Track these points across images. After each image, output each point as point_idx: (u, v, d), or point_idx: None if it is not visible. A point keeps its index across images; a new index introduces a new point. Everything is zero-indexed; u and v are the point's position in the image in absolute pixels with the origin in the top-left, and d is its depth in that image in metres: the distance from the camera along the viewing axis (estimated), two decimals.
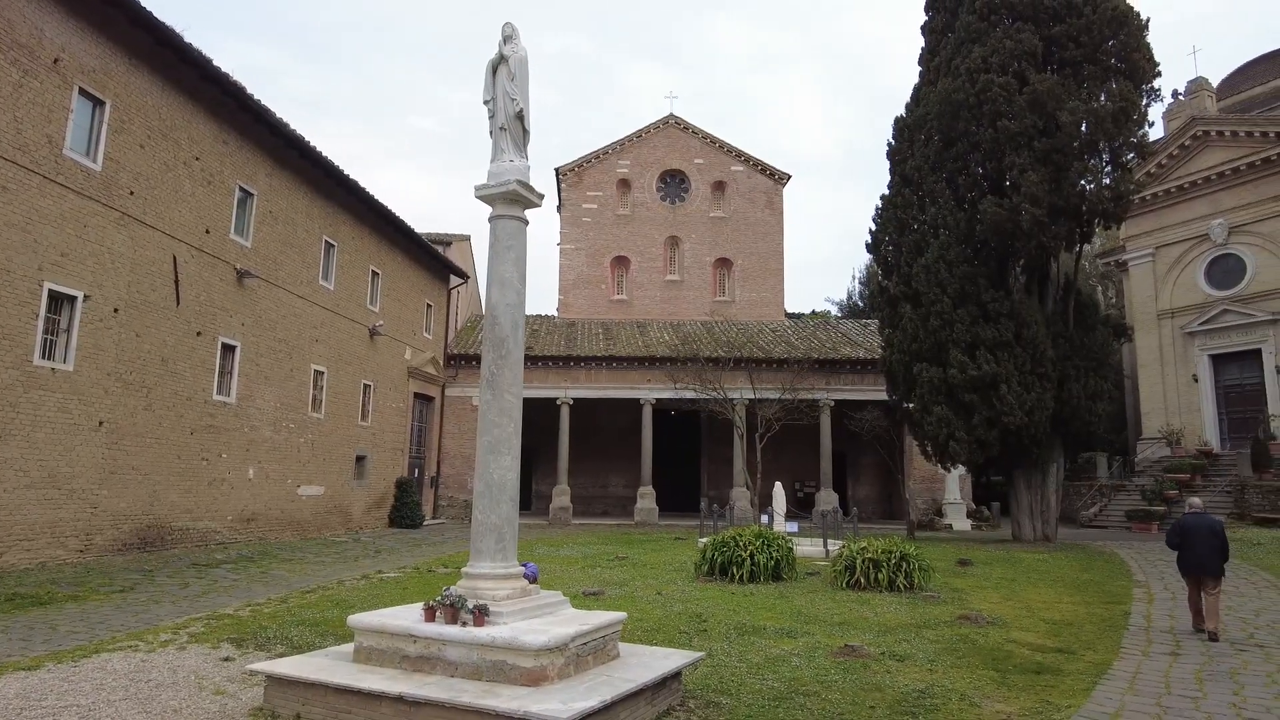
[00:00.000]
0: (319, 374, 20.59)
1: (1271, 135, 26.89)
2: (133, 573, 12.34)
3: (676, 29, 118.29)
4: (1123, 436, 32.64)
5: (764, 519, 18.16)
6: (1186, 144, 29.24)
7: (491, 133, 6.89)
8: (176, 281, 15.16)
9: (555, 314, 36.00)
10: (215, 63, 15.24)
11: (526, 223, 6.59)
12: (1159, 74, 20.02)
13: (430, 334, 27.76)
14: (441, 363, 28.17)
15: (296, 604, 10.43)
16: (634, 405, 28.31)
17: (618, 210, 36.67)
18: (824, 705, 6.15)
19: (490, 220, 6.53)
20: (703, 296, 36.06)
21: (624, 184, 36.96)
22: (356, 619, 5.97)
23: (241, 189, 17.32)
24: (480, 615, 5.54)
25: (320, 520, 20.56)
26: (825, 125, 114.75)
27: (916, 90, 22.24)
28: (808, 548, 16.19)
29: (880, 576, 11.54)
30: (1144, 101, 19.86)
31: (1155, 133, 31.56)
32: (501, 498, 5.98)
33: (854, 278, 60.01)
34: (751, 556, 12.44)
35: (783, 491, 19.50)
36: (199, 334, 15.94)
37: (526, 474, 31.16)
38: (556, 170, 37.21)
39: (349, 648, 6.06)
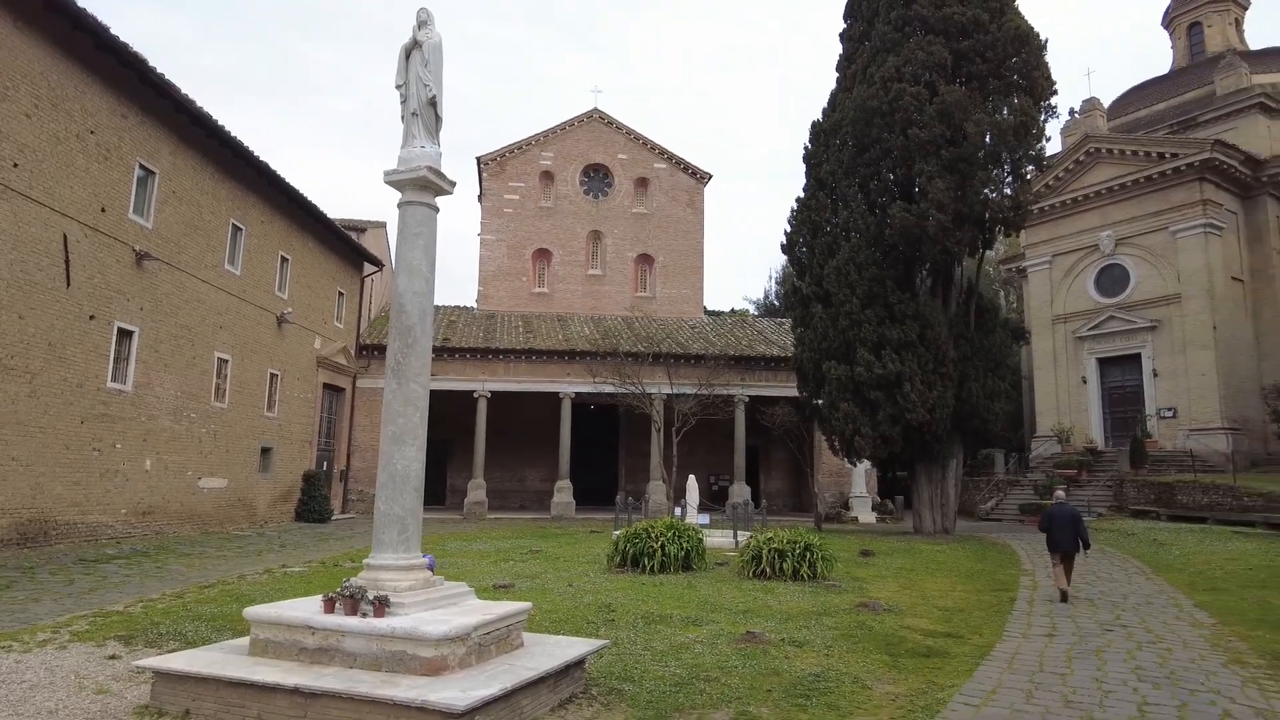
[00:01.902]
0: (223, 362, 19.79)
1: (1154, 155, 28.77)
2: (10, 570, 11.63)
3: (603, 23, 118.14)
4: (1020, 434, 34.41)
5: (677, 511, 18.43)
6: (1081, 159, 30.99)
7: (403, 118, 6.82)
8: (67, 262, 14.32)
9: (474, 305, 35.53)
10: (113, 31, 14.44)
11: (437, 210, 6.54)
12: (1056, 92, 21.18)
13: (342, 323, 27.01)
14: (353, 353, 27.45)
15: (193, 599, 10.07)
16: (553, 399, 28.25)
17: (540, 202, 36.43)
18: (723, 689, 6.35)
19: (400, 206, 6.47)
20: (624, 292, 36.19)
21: (547, 176, 36.74)
22: (253, 611, 5.85)
23: (142, 166, 16.47)
24: (381, 606, 5.51)
25: (223, 514, 19.80)
26: (748, 127, 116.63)
27: (833, 96, 22.90)
28: (718, 539, 16.53)
29: (785, 566, 11.91)
30: (1042, 117, 21.00)
31: (1053, 147, 33.38)
32: (405, 489, 5.94)
33: (771, 277, 61.28)
34: (663, 548, 12.65)
35: (696, 485, 19.83)
36: (92, 318, 15.10)
37: (441, 468, 30.73)
38: (478, 159, 36.67)
39: (245, 641, 5.94)
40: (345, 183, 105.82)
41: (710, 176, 37.79)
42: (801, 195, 22.76)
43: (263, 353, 21.71)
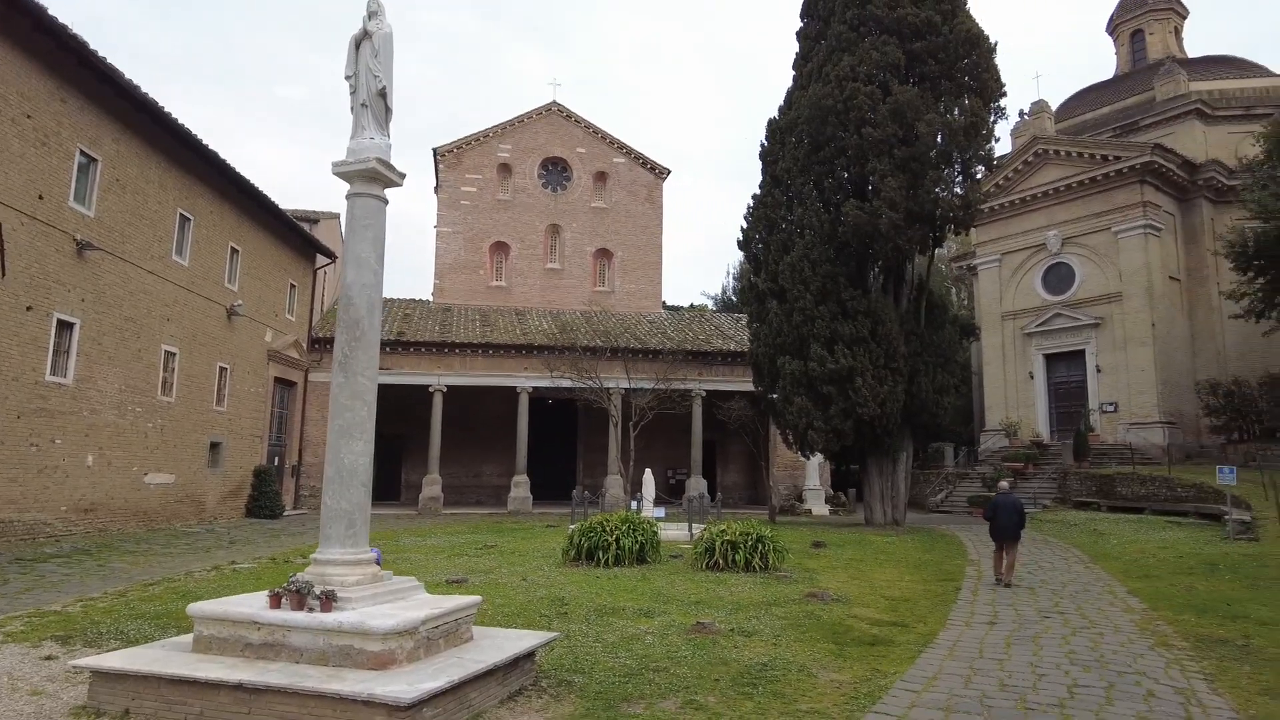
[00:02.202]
0: (170, 355, 19.32)
1: (1098, 157, 29.64)
2: None
3: (564, 14, 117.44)
4: (970, 428, 35.23)
5: (633, 505, 18.54)
6: (1029, 160, 31.77)
7: (353, 109, 6.77)
8: (2, 250, 13.85)
9: (430, 298, 35.17)
10: (52, 12, 13.97)
11: (386, 202, 6.51)
12: (1005, 94, 21.70)
13: (294, 316, 26.54)
14: (305, 346, 27.00)
15: (137, 597, 9.86)
16: (510, 393, 28.13)
17: (498, 195, 36.15)
18: (671, 679, 6.44)
19: (348, 198, 6.43)
20: (583, 286, 36.13)
21: (505, 168, 36.47)
22: (196, 607, 5.77)
23: (83, 153, 15.98)
24: (328, 601, 5.48)
25: (170, 510, 19.36)
26: (709, 123, 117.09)
27: (789, 94, 23.14)
28: (673, 531, 16.67)
29: (737, 558, 12.07)
30: (991, 118, 21.49)
31: (1004, 148, 34.14)
32: (353, 483, 5.91)
33: (729, 273, 61.74)
34: (617, 541, 12.72)
35: (652, 478, 19.97)
36: (29, 309, 14.63)
37: (396, 463, 30.42)
38: (435, 150, 36.24)
39: (188, 638, 5.86)
40: (299, 172, 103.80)
41: (669, 172, 37.90)
42: (758, 192, 23.00)
43: (212, 346, 21.26)
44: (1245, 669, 7.12)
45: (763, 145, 23.13)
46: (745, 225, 23.04)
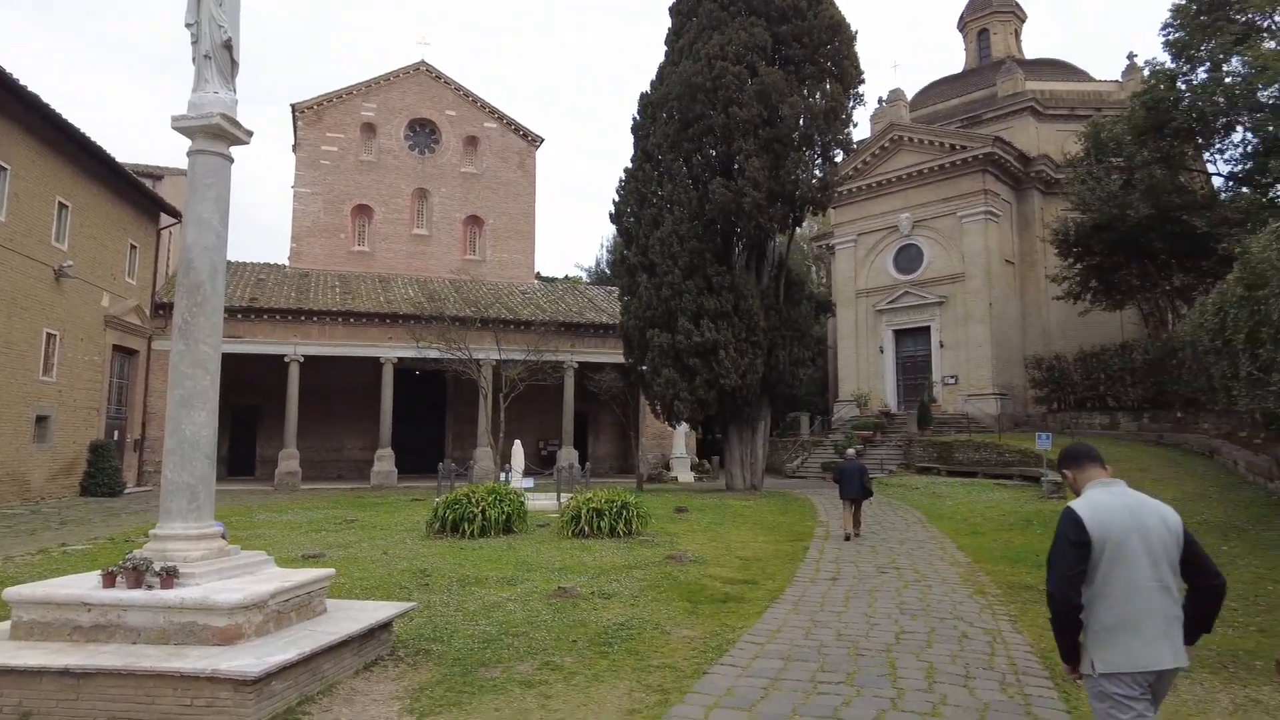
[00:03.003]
0: None
1: (946, 146, 31.70)
2: None
3: None
4: (825, 398, 37.20)
5: (502, 476, 18.52)
6: (886, 145, 33.56)
7: (195, 60, 6.39)
8: None
9: (287, 263, 33.35)
10: None
11: (231, 160, 6.20)
12: (863, 81, 22.82)
13: (135, 279, 24.53)
14: (148, 312, 25.05)
15: None
16: (374, 364, 27.24)
17: (361, 155, 34.55)
18: (530, 643, 6.60)
19: (189, 155, 6.09)
20: (452, 254, 35.25)
21: (369, 128, 34.88)
22: (14, 591, 5.38)
23: None
24: (169, 577, 5.26)
25: None
26: (583, 94, 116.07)
27: (661, 69, 23.35)
28: (542, 501, 16.80)
29: (603, 524, 12.37)
30: (851, 104, 22.53)
31: (863, 132, 35.87)
32: (195, 455, 5.66)
33: (603, 246, 61.82)
34: (483, 512, 12.71)
35: (521, 449, 20.00)
36: None
37: (250, 436, 28.92)
38: (293, 106, 34.16)
39: (5, 626, 5.46)
40: (148, 123, 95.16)
41: (542, 140, 37.42)
42: (630, 166, 23.15)
43: (36, 310, 19.38)
44: (1043, 609, 8.02)
45: (635, 119, 23.27)
46: (617, 199, 23.18)
